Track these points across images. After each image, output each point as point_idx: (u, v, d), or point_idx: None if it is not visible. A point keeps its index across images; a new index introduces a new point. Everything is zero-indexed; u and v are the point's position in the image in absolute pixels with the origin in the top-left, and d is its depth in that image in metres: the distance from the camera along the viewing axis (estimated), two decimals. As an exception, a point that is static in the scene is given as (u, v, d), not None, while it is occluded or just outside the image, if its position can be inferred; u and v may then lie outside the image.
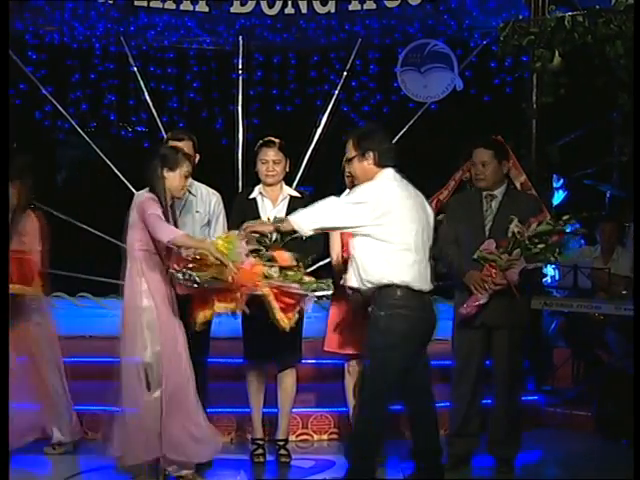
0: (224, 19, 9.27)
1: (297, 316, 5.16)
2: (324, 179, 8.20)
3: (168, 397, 5.03)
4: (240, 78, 9.79)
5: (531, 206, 5.70)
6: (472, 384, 5.63)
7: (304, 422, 6.31)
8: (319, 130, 9.74)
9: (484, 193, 5.65)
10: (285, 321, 5.05)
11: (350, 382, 5.73)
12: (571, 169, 8.56)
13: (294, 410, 5.95)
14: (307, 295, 5.10)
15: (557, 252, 5.49)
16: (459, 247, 5.61)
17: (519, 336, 5.64)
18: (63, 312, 9.10)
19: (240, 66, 9.77)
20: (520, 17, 7.54)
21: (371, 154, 4.83)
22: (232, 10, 8.96)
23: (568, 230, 5.64)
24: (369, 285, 4.81)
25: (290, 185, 6.00)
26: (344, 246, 5.53)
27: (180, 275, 4.85)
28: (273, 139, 5.78)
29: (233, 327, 6.09)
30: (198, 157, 5.68)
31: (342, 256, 5.58)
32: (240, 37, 9.67)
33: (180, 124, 9.63)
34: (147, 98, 9.70)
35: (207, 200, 5.69)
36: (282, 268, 5.07)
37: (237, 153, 9.66)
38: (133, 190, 6.44)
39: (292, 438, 6.11)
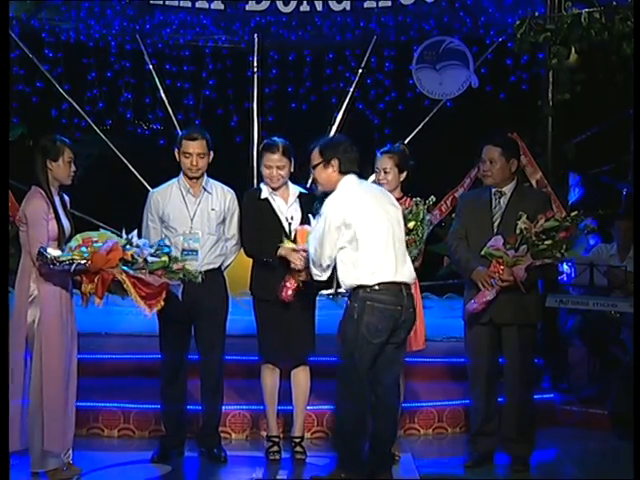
0: (239, 17, 9.29)
1: (163, 304, 5.04)
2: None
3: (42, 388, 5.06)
4: (255, 76, 9.81)
5: (540, 203, 5.66)
6: (486, 381, 5.62)
7: (319, 419, 6.31)
8: (334, 128, 9.75)
9: (493, 190, 5.65)
10: (147, 309, 5.02)
11: None
12: (587, 166, 8.52)
13: (309, 407, 5.94)
14: (172, 284, 5.09)
15: (564, 249, 5.46)
16: (468, 244, 5.62)
17: (529, 333, 5.62)
18: (80, 309, 9.15)
19: (255, 64, 9.79)
20: (536, 14, 7.50)
21: (335, 162, 5.07)
22: (247, 8, 8.99)
23: (578, 227, 5.60)
24: (346, 287, 5.08)
25: (305, 182, 5.98)
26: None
27: (39, 255, 4.91)
28: (276, 143, 5.73)
29: (247, 325, 6.10)
30: (212, 155, 5.70)
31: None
32: (255, 35, 9.69)
33: (196, 122, 9.65)
34: (163, 96, 9.73)
35: (222, 198, 5.74)
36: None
37: (252, 151, 9.67)
38: (149, 188, 6.45)
39: (307, 435, 6.10)
